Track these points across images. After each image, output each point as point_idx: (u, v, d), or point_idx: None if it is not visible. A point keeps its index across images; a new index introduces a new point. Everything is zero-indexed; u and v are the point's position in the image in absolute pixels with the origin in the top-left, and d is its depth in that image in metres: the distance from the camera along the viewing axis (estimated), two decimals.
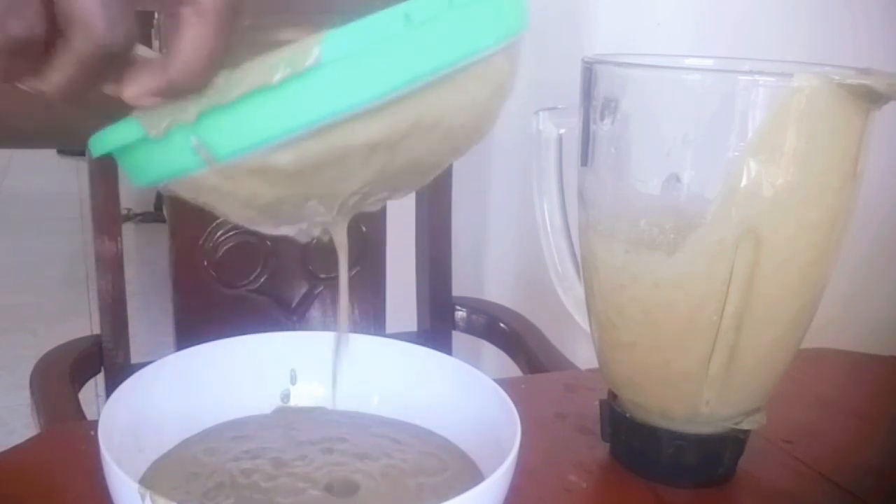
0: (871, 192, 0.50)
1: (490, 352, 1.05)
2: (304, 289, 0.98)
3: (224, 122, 0.31)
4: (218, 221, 0.91)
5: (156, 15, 0.93)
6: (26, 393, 0.83)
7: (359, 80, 0.30)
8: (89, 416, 0.79)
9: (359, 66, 0.30)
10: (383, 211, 0.97)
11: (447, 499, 0.37)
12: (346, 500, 0.43)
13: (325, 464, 0.45)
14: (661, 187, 0.47)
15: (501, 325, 1.02)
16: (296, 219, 0.37)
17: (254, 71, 0.30)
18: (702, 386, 0.49)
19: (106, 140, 0.33)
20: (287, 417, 0.50)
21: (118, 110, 0.33)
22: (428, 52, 0.31)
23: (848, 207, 0.47)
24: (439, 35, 0.31)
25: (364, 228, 0.97)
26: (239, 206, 0.35)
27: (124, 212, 0.93)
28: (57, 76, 0.30)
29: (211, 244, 0.92)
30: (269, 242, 0.95)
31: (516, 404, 0.44)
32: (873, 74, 0.44)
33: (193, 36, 0.30)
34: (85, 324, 2.11)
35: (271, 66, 0.29)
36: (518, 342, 0.99)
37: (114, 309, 0.90)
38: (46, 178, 3.73)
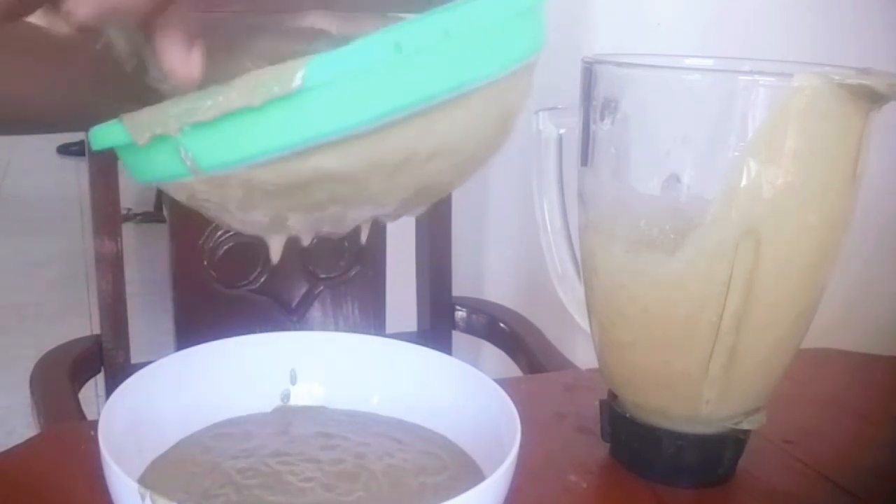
0: (872, 193, 0.50)
1: (490, 352, 1.05)
2: (304, 289, 0.98)
3: (207, 136, 0.30)
4: None
5: None
6: (26, 393, 0.83)
7: (342, 106, 0.29)
8: (89, 416, 0.79)
9: (343, 93, 0.29)
10: None
11: (448, 498, 0.37)
12: (347, 499, 0.43)
13: (325, 463, 0.45)
14: (661, 187, 0.47)
15: (501, 325, 1.02)
16: (283, 228, 0.36)
17: (237, 89, 0.29)
18: (702, 386, 0.49)
19: (98, 138, 0.33)
20: (287, 416, 0.50)
21: (141, 95, 0.32)
22: (417, 81, 0.29)
23: (848, 208, 0.47)
24: (431, 65, 0.29)
25: None
26: (229, 212, 0.34)
27: (124, 212, 0.93)
28: None
29: (211, 244, 0.92)
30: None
31: (516, 404, 0.44)
32: (873, 74, 0.44)
33: None
34: (85, 324, 2.11)
35: (255, 86, 0.29)
36: (518, 342, 0.99)
37: (114, 309, 0.90)
38: (46, 178, 3.73)
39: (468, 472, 0.46)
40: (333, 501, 0.43)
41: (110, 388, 0.91)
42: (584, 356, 0.66)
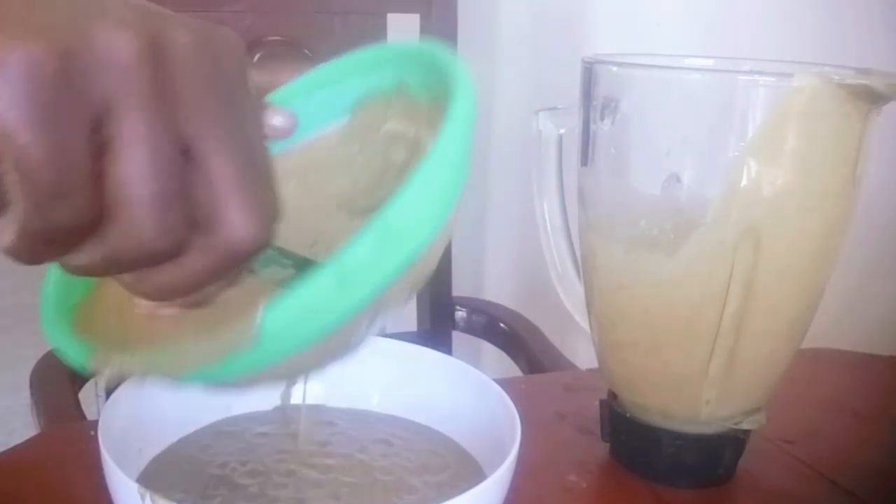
0: (872, 194, 0.50)
1: (490, 352, 1.05)
2: None
3: (170, 375, 0.32)
4: None
5: None
6: (26, 393, 0.83)
7: (294, 335, 0.31)
8: (89, 416, 0.79)
9: (294, 330, 0.30)
10: None
11: (449, 497, 0.37)
12: (347, 498, 0.43)
13: (324, 461, 0.45)
14: (661, 187, 0.47)
15: (501, 325, 1.02)
16: None
17: (198, 350, 0.31)
18: (702, 386, 0.49)
19: (57, 346, 0.34)
20: (286, 415, 0.50)
21: None
22: (359, 294, 0.30)
23: (848, 208, 0.47)
24: (371, 277, 0.30)
25: None
26: None
27: None
28: (81, 259, 0.29)
29: None
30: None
31: (516, 404, 0.44)
32: (873, 74, 0.44)
33: (194, 266, 0.29)
34: None
35: (214, 347, 0.30)
36: (518, 342, 0.99)
37: None
38: None
39: (470, 471, 0.46)
40: (333, 500, 0.43)
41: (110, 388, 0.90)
42: (584, 356, 0.66)
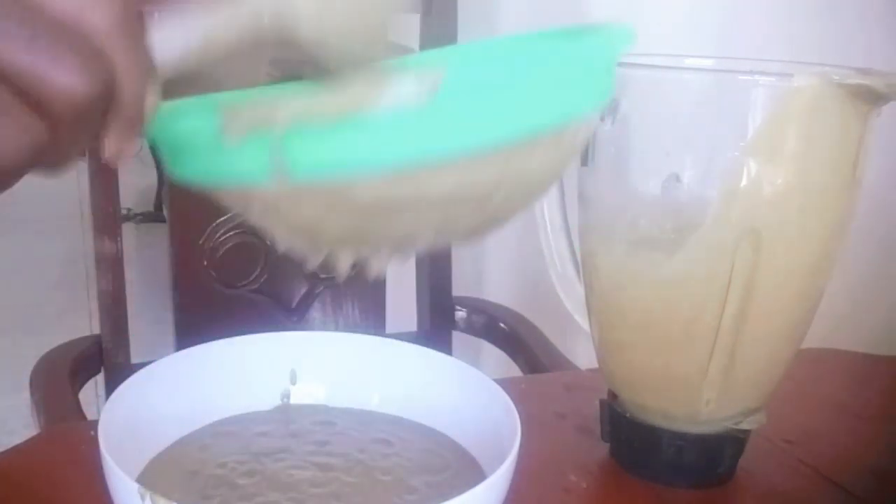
0: (873, 195, 0.50)
1: (490, 352, 1.05)
2: (304, 289, 0.98)
3: (315, 141, 0.27)
4: (218, 221, 0.91)
5: None
6: (26, 393, 0.83)
7: (467, 115, 0.27)
8: (89, 416, 0.79)
9: (469, 104, 0.27)
10: None
11: (449, 497, 0.37)
12: (347, 498, 0.43)
13: (325, 461, 0.45)
14: (661, 187, 0.47)
15: (501, 325, 1.02)
16: (340, 251, 0.34)
17: (367, 95, 0.26)
18: (702, 386, 0.49)
19: (165, 122, 0.28)
20: (287, 415, 0.50)
21: None
22: (540, 106, 0.28)
23: (848, 209, 0.47)
24: (553, 91, 0.28)
25: None
26: (285, 229, 0.31)
27: (124, 212, 0.93)
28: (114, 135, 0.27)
29: (211, 244, 0.92)
30: (269, 242, 0.95)
31: (516, 404, 0.44)
32: (873, 74, 0.44)
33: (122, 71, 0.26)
34: (85, 324, 2.10)
35: (389, 92, 0.26)
36: (518, 342, 0.99)
37: (114, 309, 0.90)
38: (46, 177, 3.72)
39: (470, 471, 0.46)
40: (334, 500, 0.43)
41: (110, 388, 0.90)
42: (584, 356, 0.66)
